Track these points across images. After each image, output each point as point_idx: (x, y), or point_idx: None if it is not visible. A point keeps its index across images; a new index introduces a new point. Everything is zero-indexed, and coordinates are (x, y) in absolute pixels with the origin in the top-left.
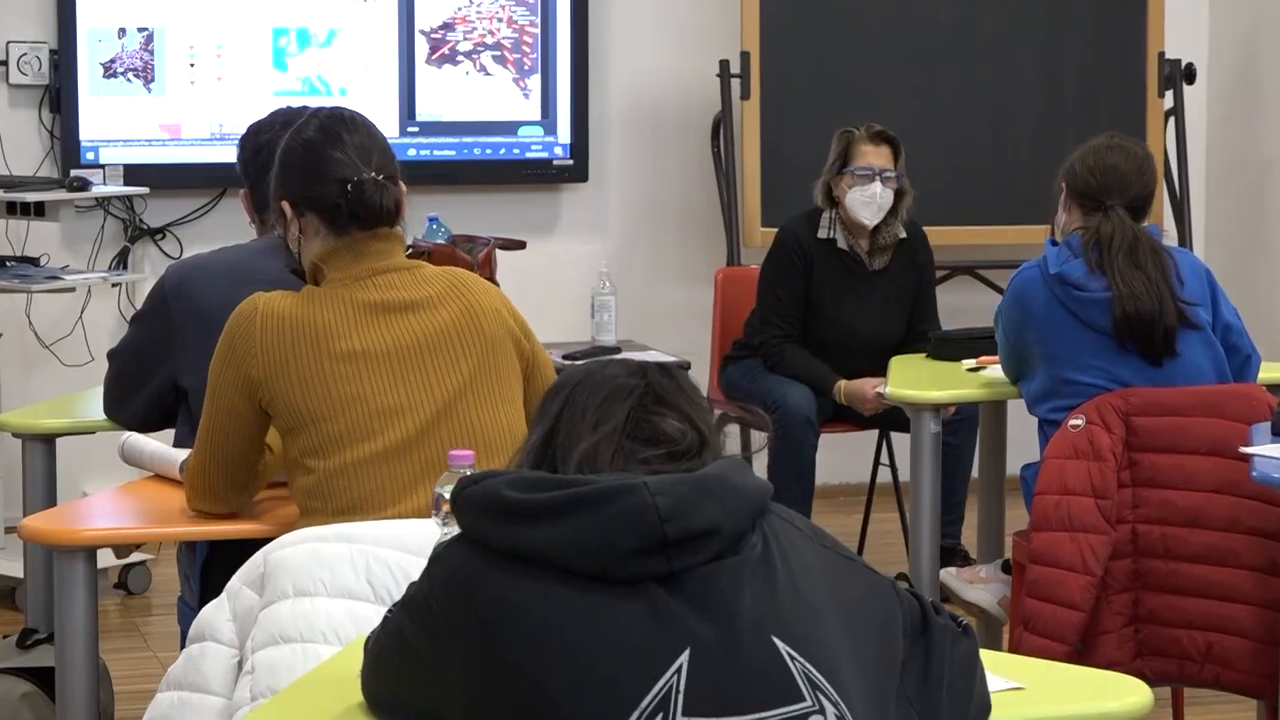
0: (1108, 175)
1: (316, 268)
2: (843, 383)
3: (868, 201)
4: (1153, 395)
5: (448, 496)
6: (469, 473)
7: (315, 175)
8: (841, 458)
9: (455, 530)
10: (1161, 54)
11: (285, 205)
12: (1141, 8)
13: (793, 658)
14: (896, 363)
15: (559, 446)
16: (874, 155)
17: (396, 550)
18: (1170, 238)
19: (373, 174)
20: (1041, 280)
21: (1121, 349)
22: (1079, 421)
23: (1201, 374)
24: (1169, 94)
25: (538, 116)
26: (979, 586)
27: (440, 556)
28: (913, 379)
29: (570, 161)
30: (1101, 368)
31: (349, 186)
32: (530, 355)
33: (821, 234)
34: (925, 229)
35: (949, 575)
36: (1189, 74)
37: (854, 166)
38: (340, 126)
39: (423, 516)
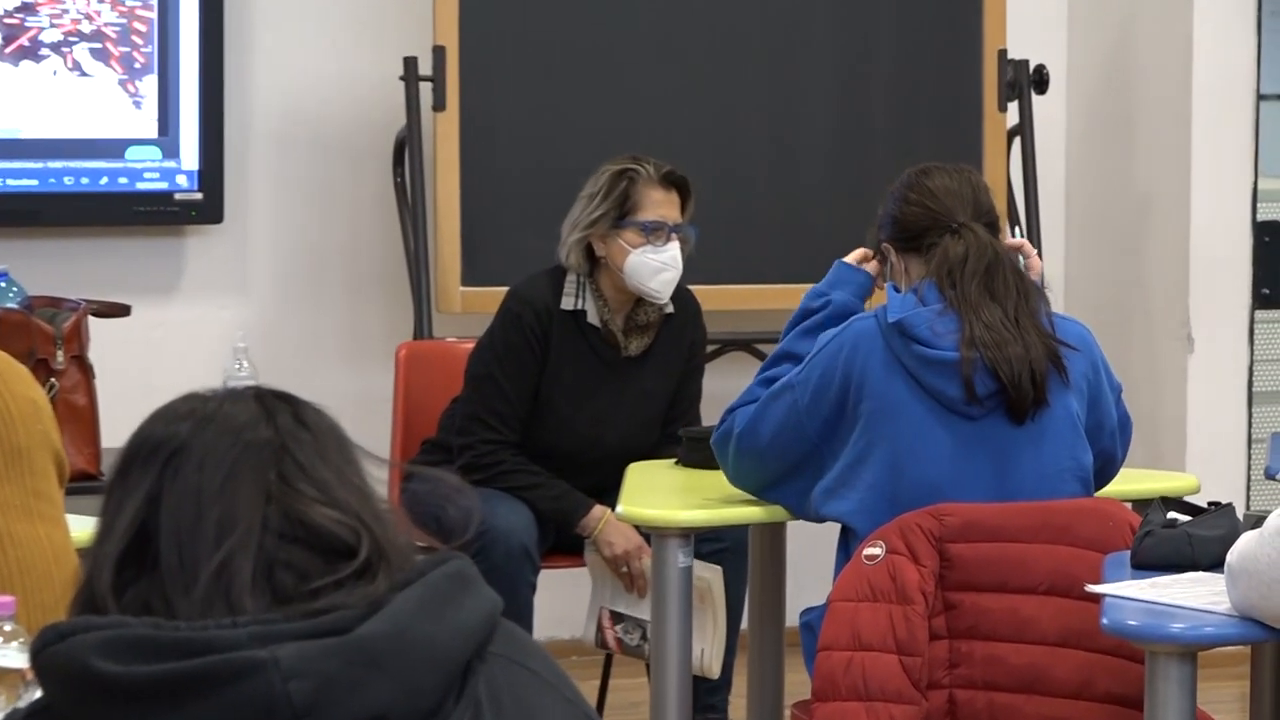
0: (944, 197)
1: None
2: (609, 515)
3: (662, 268)
4: (975, 514)
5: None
6: (8, 627)
7: None
8: (569, 604)
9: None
10: (1003, 53)
11: None
12: None
13: None
14: (635, 471)
15: (166, 560)
16: (667, 205)
17: None
18: None
19: None
20: (879, 333)
21: (968, 420)
22: (877, 550)
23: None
24: (1013, 106)
25: (154, 134)
26: None
27: None
28: (654, 493)
29: (198, 195)
30: (939, 455)
31: None
32: (65, 477)
33: (566, 304)
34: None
35: None
36: (1040, 79)
37: (642, 219)
38: None
39: None
